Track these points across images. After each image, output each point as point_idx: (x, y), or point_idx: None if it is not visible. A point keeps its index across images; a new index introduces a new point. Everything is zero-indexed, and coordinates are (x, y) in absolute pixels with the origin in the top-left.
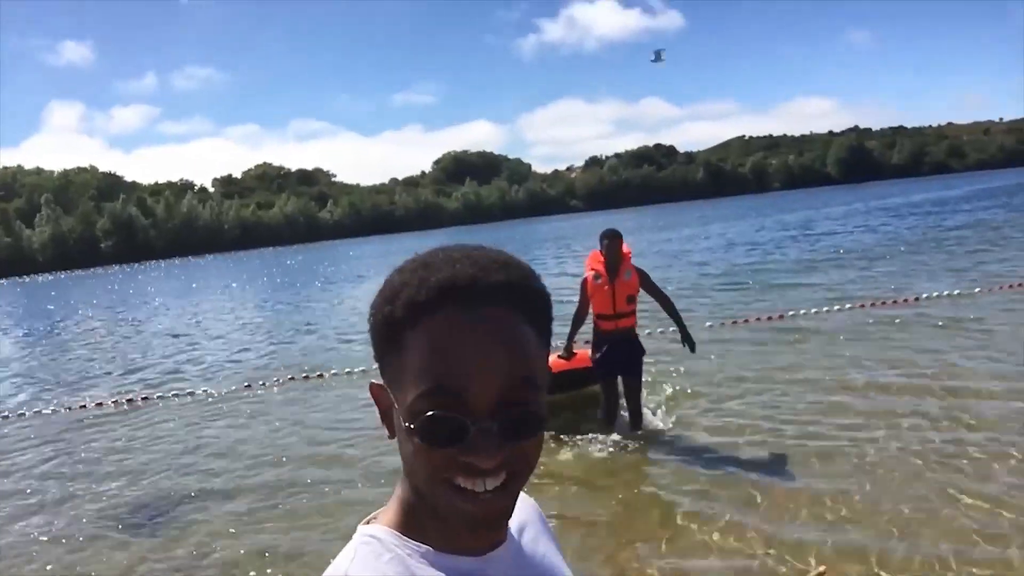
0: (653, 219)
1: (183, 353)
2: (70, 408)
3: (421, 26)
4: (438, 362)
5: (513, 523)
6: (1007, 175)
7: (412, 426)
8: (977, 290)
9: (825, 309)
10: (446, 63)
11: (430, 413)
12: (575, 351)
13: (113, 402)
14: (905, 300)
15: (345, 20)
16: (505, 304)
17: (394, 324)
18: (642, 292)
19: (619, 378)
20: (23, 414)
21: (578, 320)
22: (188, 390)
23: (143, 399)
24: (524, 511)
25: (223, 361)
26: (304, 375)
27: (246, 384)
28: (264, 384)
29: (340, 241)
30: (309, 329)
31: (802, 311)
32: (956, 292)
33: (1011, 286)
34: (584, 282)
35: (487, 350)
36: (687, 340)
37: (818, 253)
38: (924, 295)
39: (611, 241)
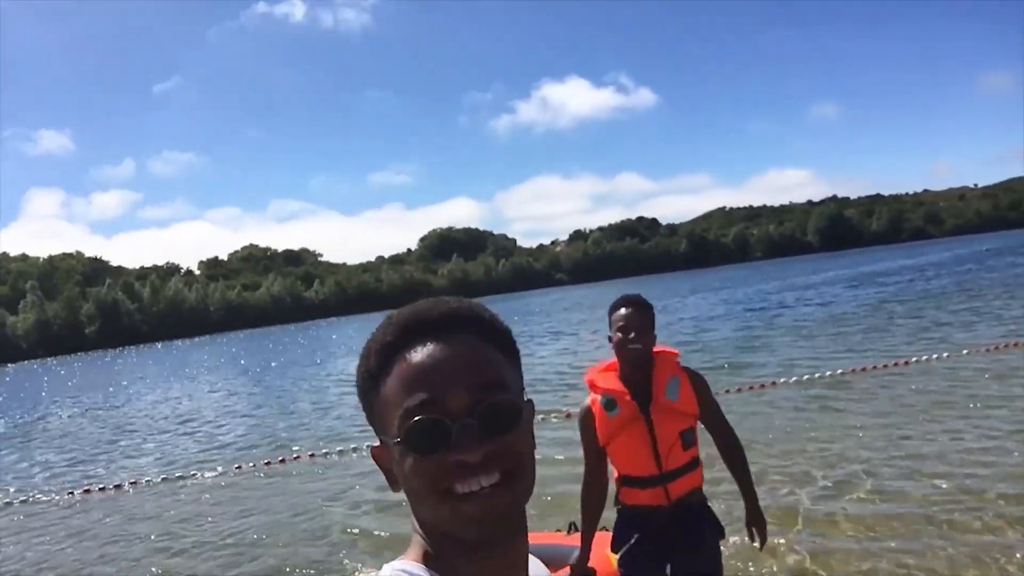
0: (638, 291)
1: (152, 440)
2: (24, 501)
3: (395, 108)
4: (413, 380)
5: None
6: (984, 240)
7: (401, 440)
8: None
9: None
10: (422, 143)
11: (416, 419)
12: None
13: (82, 491)
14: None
15: (319, 102)
16: (470, 332)
17: (373, 375)
18: None
19: None
20: None
21: (592, 506)
22: (152, 477)
23: (124, 486)
24: (541, 573)
25: (189, 445)
26: (277, 460)
27: (236, 466)
28: (241, 467)
29: (326, 320)
30: (289, 409)
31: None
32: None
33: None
34: (585, 418)
35: (456, 361)
36: (755, 520)
37: (799, 321)
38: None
39: (632, 312)
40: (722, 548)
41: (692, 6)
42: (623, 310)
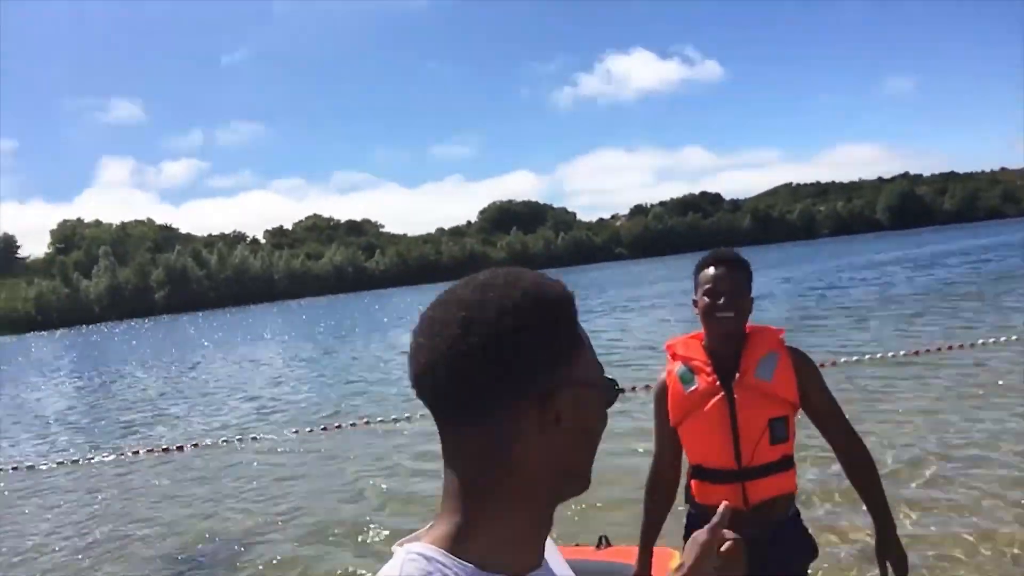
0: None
1: (219, 404)
2: (96, 460)
3: (457, 80)
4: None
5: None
6: None
7: (604, 396)
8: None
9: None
10: (483, 115)
11: (610, 376)
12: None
13: (147, 450)
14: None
15: (381, 74)
16: None
17: (573, 325)
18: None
19: None
20: (62, 463)
21: (656, 504)
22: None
23: (192, 446)
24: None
25: (250, 411)
26: (332, 425)
27: (293, 430)
28: (311, 430)
29: (386, 290)
30: (353, 379)
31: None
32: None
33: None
34: (659, 393)
35: None
36: (888, 552)
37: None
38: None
39: (723, 272)
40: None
41: None
42: (712, 269)
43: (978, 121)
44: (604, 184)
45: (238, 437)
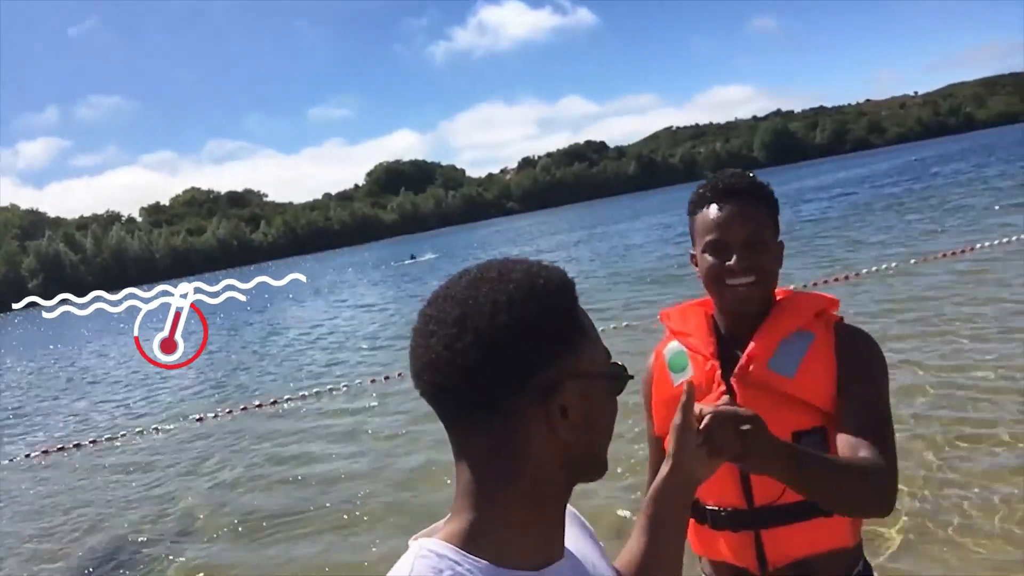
0: (591, 216)
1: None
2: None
3: (327, 38)
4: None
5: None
6: (922, 147)
7: (611, 385)
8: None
9: None
10: (358, 75)
11: (620, 362)
12: None
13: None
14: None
15: (247, 35)
16: None
17: (572, 313)
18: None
19: None
20: None
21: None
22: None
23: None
24: (568, 518)
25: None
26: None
27: (197, 418)
28: (215, 416)
29: (276, 262)
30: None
31: None
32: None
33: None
34: (645, 387)
35: None
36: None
37: None
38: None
39: (734, 210)
40: None
41: None
42: (715, 208)
43: (842, 55)
44: (488, 139)
45: (124, 433)
